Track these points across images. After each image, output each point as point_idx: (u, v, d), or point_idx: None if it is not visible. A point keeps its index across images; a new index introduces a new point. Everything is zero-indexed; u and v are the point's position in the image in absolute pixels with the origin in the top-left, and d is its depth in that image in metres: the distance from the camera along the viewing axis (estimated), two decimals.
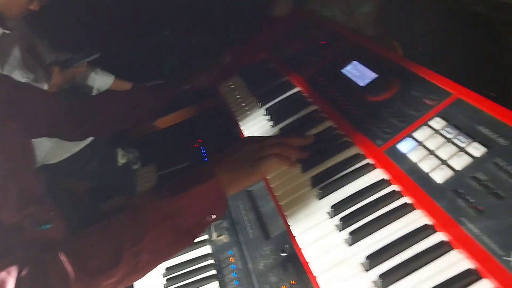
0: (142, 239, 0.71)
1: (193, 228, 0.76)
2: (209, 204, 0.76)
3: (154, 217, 0.73)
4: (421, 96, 0.80)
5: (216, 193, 0.76)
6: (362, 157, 0.80)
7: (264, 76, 1.23)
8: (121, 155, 1.89)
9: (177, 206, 0.74)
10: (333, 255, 0.66)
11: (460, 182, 0.63)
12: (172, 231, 0.73)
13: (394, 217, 0.66)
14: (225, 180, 0.77)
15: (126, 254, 0.69)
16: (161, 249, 0.73)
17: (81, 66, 1.78)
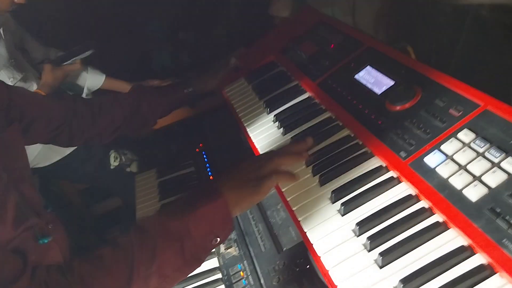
0: (153, 263, 0.68)
1: (200, 252, 0.73)
2: (216, 225, 0.73)
3: (164, 239, 0.70)
4: (446, 106, 0.76)
5: (223, 214, 0.73)
6: (385, 169, 0.76)
7: (272, 80, 1.19)
8: (113, 157, 1.82)
9: (185, 228, 0.71)
10: (364, 278, 0.62)
11: (497, 201, 0.59)
12: (180, 254, 0.70)
13: (426, 237, 0.62)
14: (231, 200, 0.74)
15: (137, 278, 0.67)
16: (169, 274, 0.71)
17: (75, 64, 1.70)
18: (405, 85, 0.86)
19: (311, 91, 1.06)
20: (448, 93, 0.78)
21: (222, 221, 0.73)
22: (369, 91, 0.92)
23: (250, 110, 1.14)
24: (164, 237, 0.70)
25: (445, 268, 0.58)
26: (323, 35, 1.20)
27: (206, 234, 0.72)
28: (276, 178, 0.77)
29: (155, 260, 0.68)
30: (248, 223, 1.03)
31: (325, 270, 0.66)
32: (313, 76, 1.08)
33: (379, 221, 0.68)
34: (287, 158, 0.81)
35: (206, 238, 0.72)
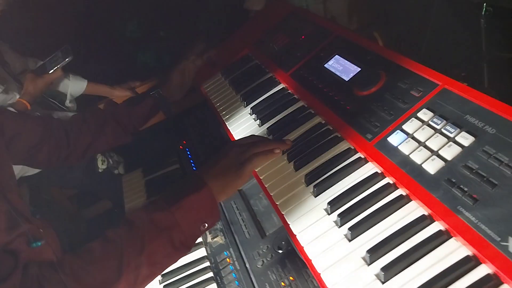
0: (141, 253, 0.71)
1: (188, 239, 0.76)
2: (202, 213, 0.77)
3: (151, 230, 0.73)
4: (408, 88, 0.81)
5: (209, 202, 0.77)
6: (353, 151, 0.81)
7: (247, 74, 1.22)
8: (101, 160, 1.85)
9: (172, 218, 0.74)
10: (335, 251, 0.67)
11: (452, 172, 0.64)
12: (169, 243, 0.74)
13: (391, 209, 0.67)
14: (215, 188, 0.78)
15: (127, 268, 0.70)
16: (158, 262, 0.74)
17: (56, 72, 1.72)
18: (370, 70, 0.91)
19: (285, 82, 1.10)
20: (410, 75, 0.83)
21: (208, 208, 0.77)
22: (338, 79, 0.97)
23: (228, 105, 1.18)
24: (152, 228, 0.73)
25: (408, 237, 0.63)
26: (294, 26, 1.24)
27: (193, 222, 0.76)
28: (256, 160, 0.81)
29: (144, 251, 0.71)
30: (233, 213, 1.07)
31: (301, 246, 0.71)
32: (286, 67, 1.12)
33: (349, 199, 0.73)
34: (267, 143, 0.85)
35: (194, 226, 0.76)
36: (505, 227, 0.55)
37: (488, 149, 0.63)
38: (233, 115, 1.13)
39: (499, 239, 0.55)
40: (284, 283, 0.85)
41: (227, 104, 1.18)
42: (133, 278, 0.71)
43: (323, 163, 0.82)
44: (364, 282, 0.61)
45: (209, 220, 0.78)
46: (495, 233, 0.55)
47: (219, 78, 1.31)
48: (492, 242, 0.55)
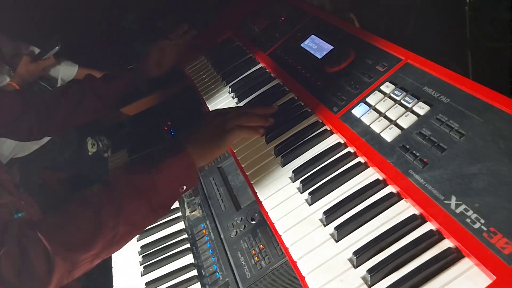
0: (120, 213, 0.73)
1: (166, 200, 0.79)
2: (180, 177, 0.79)
3: (130, 191, 0.75)
4: (373, 63, 0.84)
5: (187, 165, 0.79)
6: (320, 124, 0.84)
7: (228, 55, 1.25)
8: (90, 144, 1.88)
9: (151, 180, 0.76)
10: (296, 215, 0.71)
11: (407, 139, 0.68)
12: (147, 204, 0.76)
13: (349, 176, 0.71)
14: (194, 153, 0.80)
15: (105, 227, 0.72)
16: (137, 221, 0.77)
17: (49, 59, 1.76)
18: (341, 48, 0.94)
19: (263, 61, 1.13)
20: (377, 51, 0.86)
21: (187, 172, 0.79)
22: (312, 57, 1.00)
23: (209, 84, 1.21)
24: (130, 190, 0.75)
25: (362, 200, 0.66)
26: (275, 9, 1.26)
27: (172, 184, 0.78)
28: (239, 132, 0.83)
29: (122, 210, 0.73)
30: (211, 188, 1.10)
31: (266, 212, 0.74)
32: (265, 48, 1.15)
33: (312, 168, 0.76)
34: (253, 118, 0.87)
35: (172, 188, 0.79)
36: (449, 187, 0.58)
37: (441, 117, 0.66)
38: (213, 94, 1.16)
39: (443, 198, 0.58)
40: (255, 251, 0.89)
41: (208, 84, 1.21)
42: (111, 237, 0.73)
43: (292, 135, 0.85)
44: (320, 241, 0.65)
45: (188, 183, 0.80)
46: (440, 192, 0.59)
47: (202, 60, 1.34)
48: (436, 201, 0.58)
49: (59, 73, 2.01)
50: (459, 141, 0.62)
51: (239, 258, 0.89)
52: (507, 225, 0.51)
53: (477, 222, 0.53)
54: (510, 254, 0.49)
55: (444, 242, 0.56)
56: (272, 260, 0.85)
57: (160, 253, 1.01)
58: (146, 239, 1.07)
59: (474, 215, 0.54)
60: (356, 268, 0.59)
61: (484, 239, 0.52)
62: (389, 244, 0.59)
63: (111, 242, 0.73)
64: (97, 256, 0.73)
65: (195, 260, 0.96)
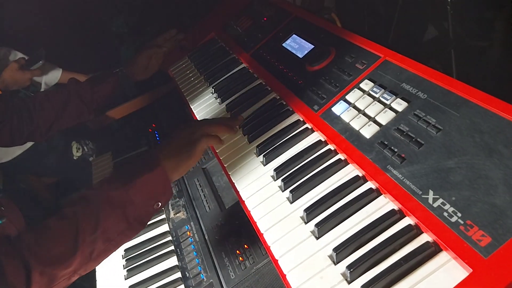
0: (96, 230, 0.73)
1: (143, 216, 0.79)
2: (156, 192, 0.79)
3: (107, 207, 0.75)
4: (353, 61, 0.85)
5: (162, 181, 0.79)
6: (302, 123, 0.84)
7: (212, 56, 1.25)
8: (75, 148, 1.86)
9: (127, 196, 0.76)
10: (278, 213, 0.71)
11: (385, 135, 0.68)
12: (124, 220, 0.76)
13: (329, 173, 0.71)
14: (169, 167, 0.80)
15: (82, 243, 0.72)
16: (114, 238, 0.76)
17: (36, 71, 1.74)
18: (322, 47, 0.94)
19: (246, 62, 1.13)
20: (356, 49, 0.87)
21: (161, 187, 0.79)
22: (293, 56, 1.00)
23: (192, 85, 1.21)
24: (107, 205, 0.75)
25: (342, 196, 0.67)
26: (258, 9, 1.26)
27: (147, 200, 0.78)
28: (206, 140, 0.83)
29: (99, 227, 0.73)
30: (195, 189, 1.10)
31: (248, 211, 0.74)
32: (247, 48, 1.15)
33: (293, 166, 0.76)
34: (218, 127, 0.87)
35: (147, 204, 0.78)
36: (427, 181, 0.59)
37: (418, 112, 0.67)
38: (196, 95, 1.16)
39: (421, 193, 0.58)
40: (239, 251, 0.88)
41: (191, 85, 1.21)
42: (88, 253, 0.73)
43: (274, 134, 0.85)
44: (301, 238, 0.65)
45: (162, 199, 0.80)
46: (418, 187, 0.59)
47: (186, 61, 1.33)
48: (414, 195, 0.59)
49: (43, 77, 1.98)
50: (436, 136, 0.62)
51: (223, 259, 0.89)
52: (483, 217, 0.52)
53: (454, 216, 0.54)
54: (486, 246, 0.49)
55: (422, 236, 0.57)
56: (256, 260, 0.84)
57: (144, 256, 1.00)
58: (131, 242, 1.06)
59: (451, 208, 0.55)
60: (337, 264, 0.59)
61: (461, 232, 0.52)
62: (368, 240, 0.59)
63: (89, 259, 0.73)
64: (75, 273, 0.73)
65: (179, 262, 0.95)
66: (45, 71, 1.92)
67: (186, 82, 1.23)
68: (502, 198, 0.52)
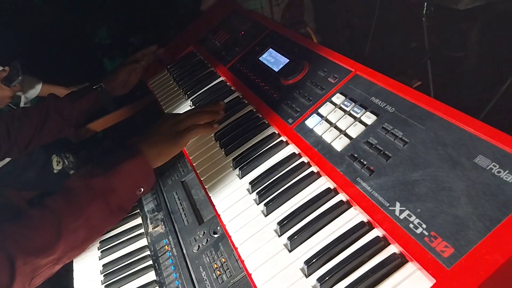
0: (78, 218, 0.75)
1: (125, 203, 0.81)
2: (137, 178, 0.81)
3: (88, 195, 0.77)
4: (326, 75, 0.87)
5: (143, 167, 0.82)
6: (276, 136, 0.86)
7: (190, 69, 1.26)
8: (56, 161, 1.84)
9: (108, 183, 0.78)
10: (252, 226, 0.71)
11: (355, 148, 0.70)
12: (106, 207, 0.78)
13: (302, 185, 0.72)
14: (150, 155, 0.83)
15: (65, 231, 0.73)
16: (97, 225, 0.78)
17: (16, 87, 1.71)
18: (296, 61, 0.96)
19: (223, 75, 1.15)
20: (328, 63, 0.89)
21: (143, 173, 0.82)
22: (269, 70, 1.02)
23: (170, 98, 1.21)
24: (88, 193, 0.77)
25: (314, 209, 0.68)
26: (235, 23, 1.28)
27: (129, 186, 0.80)
28: (196, 130, 0.87)
29: (82, 215, 0.75)
30: (174, 203, 1.09)
31: (223, 225, 0.75)
32: (225, 61, 1.17)
33: (268, 179, 0.77)
34: (204, 115, 0.91)
35: (129, 190, 0.81)
36: (394, 194, 0.60)
37: (387, 126, 0.69)
38: (174, 108, 1.17)
39: (388, 204, 0.60)
40: (217, 265, 0.88)
41: (169, 98, 1.21)
42: (72, 241, 0.74)
43: (250, 147, 0.86)
44: (274, 252, 0.65)
45: (144, 185, 0.83)
46: (385, 199, 0.61)
47: (165, 74, 1.34)
48: (382, 207, 0.60)
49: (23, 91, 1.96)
50: (403, 149, 0.64)
51: (201, 273, 0.89)
52: (446, 229, 0.53)
53: (419, 227, 0.55)
54: (449, 257, 0.51)
55: (389, 248, 0.58)
56: (234, 274, 0.84)
57: (122, 271, 0.99)
58: (109, 257, 1.05)
59: (417, 220, 0.56)
60: (308, 277, 0.60)
61: (425, 244, 0.54)
62: (338, 252, 0.60)
63: (72, 246, 0.75)
64: (59, 260, 0.74)
65: (157, 277, 0.95)
66: (25, 85, 1.90)
67: (165, 95, 1.24)
68: (464, 209, 0.54)
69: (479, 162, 0.56)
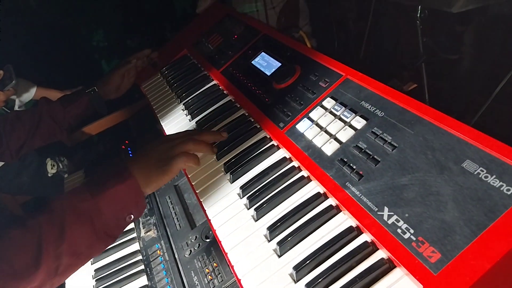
0: (61, 243, 0.69)
1: (113, 228, 0.75)
2: (127, 204, 0.76)
3: (72, 220, 0.71)
4: (317, 79, 0.87)
5: (134, 193, 0.76)
6: (268, 140, 0.86)
7: (184, 72, 1.26)
8: (50, 165, 1.83)
9: (95, 207, 0.72)
10: (242, 231, 0.71)
11: (345, 153, 0.70)
12: (91, 232, 0.72)
13: (292, 190, 0.72)
14: (141, 180, 0.77)
15: (46, 257, 0.68)
16: (81, 252, 0.72)
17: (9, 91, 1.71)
18: (288, 65, 0.96)
19: (216, 79, 1.15)
20: (320, 68, 0.89)
21: (134, 200, 0.76)
22: (262, 74, 1.02)
23: (163, 102, 1.21)
24: (74, 216, 0.71)
25: (304, 213, 0.68)
26: (228, 27, 1.28)
27: (117, 212, 0.74)
28: (186, 159, 0.80)
29: (65, 239, 0.69)
30: (167, 207, 1.09)
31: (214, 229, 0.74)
32: (218, 65, 1.17)
33: (258, 183, 0.77)
34: (199, 146, 0.85)
35: (118, 216, 0.75)
36: (382, 198, 0.60)
37: (376, 130, 0.69)
38: (167, 112, 1.16)
39: (376, 209, 0.60)
40: (209, 270, 0.88)
41: (162, 101, 1.21)
42: (53, 268, 0.69)
43: (241, 151, 0.86)
44: (264, 257, 0.65)
45: (135, 211, 0.77)
46: (374, 204, 0.61)
47: (158, 77, 1.34)
48: (371, 212, 0.60)
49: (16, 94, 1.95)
50: (392, 153, 0.64)
51: (193, 278, 0.88)
52: (433, 234, 0.53)
53: (407, 232, 0.55)
54: (436, 262, 0.51)
55: (377, 253, 0.58)
56: (225, 278, 0.84)
57: (114, 276, 0.99)
58: (101, 261, 1.05)
59: (405, 225, 0.56)
60: (297, 283, 0.60)
61: (413, 249, 0.54)
62: (327, 257, 0.60)
63: (54, 274, 0.69)
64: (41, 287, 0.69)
65: (149, 281, 0.94)
66: (20, 88, 1.90)
67: (158, 99, 1.23)
68: (451, 214, 0.53)
69: (466, 167, 0.56)
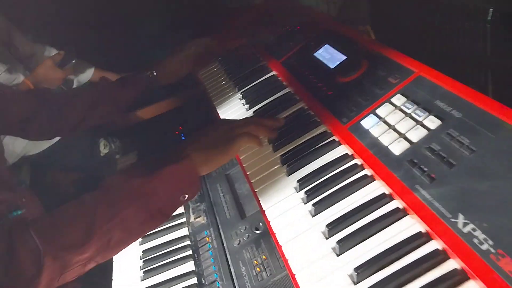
0: (115, 217, 0.71)
1: (166, 207, 0.76)
2: (182, 184, 0.77)
3: (127, 195, 0.73)
4: (386, 75, 0.82)
5: (189, 173, 0.77)
6: (329, 134, 0.83)
7: (242, 61, 1.25)
8: (103, 145, 1.90)
9: (150, 186, 0.74)
10: (298, 226, 0.69)
11: (415, 153, 0.66)
12: (145, 210, 0.74)
13: (354, 188, 0.69)
14: (198, 160, 0.77)
15: (98, 231, 0.70)
16: (133, 228, 0.74)
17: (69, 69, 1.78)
18: (354, 59, 0.93)
19: (275, 69, 1.13)
20: (389, 63, 0.84)
21: (188, 179, 0.77)
22: (324, 66, 0.98)
23: (220, 90, 1.21)
24: (128, 194, 0.73)
25: (367, 213, 0.64)
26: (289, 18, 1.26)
27: (172, 191, 0.76)
28: (248, 139, 0.81)
29: (118, 215, 0.71)
30: (217, 195, 1.09)
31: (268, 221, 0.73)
32: (278, 55, 1.15)
33: (317, 178, 0.75)
34: (260, 129, 0.85)
35: (172, 195, 0.76)
36: (457, 204, 0.56)
37: (452, 132, 0.64)
38: (224, 100, 1.16)
39: (450, 216, 0.56)
40: (257, 261, 0.87)
41: (219, 89, 1.21)
42: (105, 242, 0.71)
43: (299, 144, 0.84)
44: (321, 254, 0.63)
45: (189, 192, 0.78)
46: (447, 210, 0.56)
47: (216, 65, 1.34)
48: (443, 218, 0.56)
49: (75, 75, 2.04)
50: (469, 158, 0.59)
51: (241, 268, 0.87)
52: None
53: (485, 243, 0.51)
54: None
55: (449, 263, 0.54)
56: (274, 272, 0.83)
57: (162, 259, 1.00)
58: (149, 243, 1.06)
59: (482, 235, 0.52)
60: (356, 284, 0.57)
61: (491, 262, 0.49)
62: (391, 262, 0.57)
63: (106, 247, 0.72)
64: (91, 260, 0.71)
65: (196, 267, 0.95)
66: (78, 69, 1.97)
67: (215, 87, 1.24)
68: None
69: None
